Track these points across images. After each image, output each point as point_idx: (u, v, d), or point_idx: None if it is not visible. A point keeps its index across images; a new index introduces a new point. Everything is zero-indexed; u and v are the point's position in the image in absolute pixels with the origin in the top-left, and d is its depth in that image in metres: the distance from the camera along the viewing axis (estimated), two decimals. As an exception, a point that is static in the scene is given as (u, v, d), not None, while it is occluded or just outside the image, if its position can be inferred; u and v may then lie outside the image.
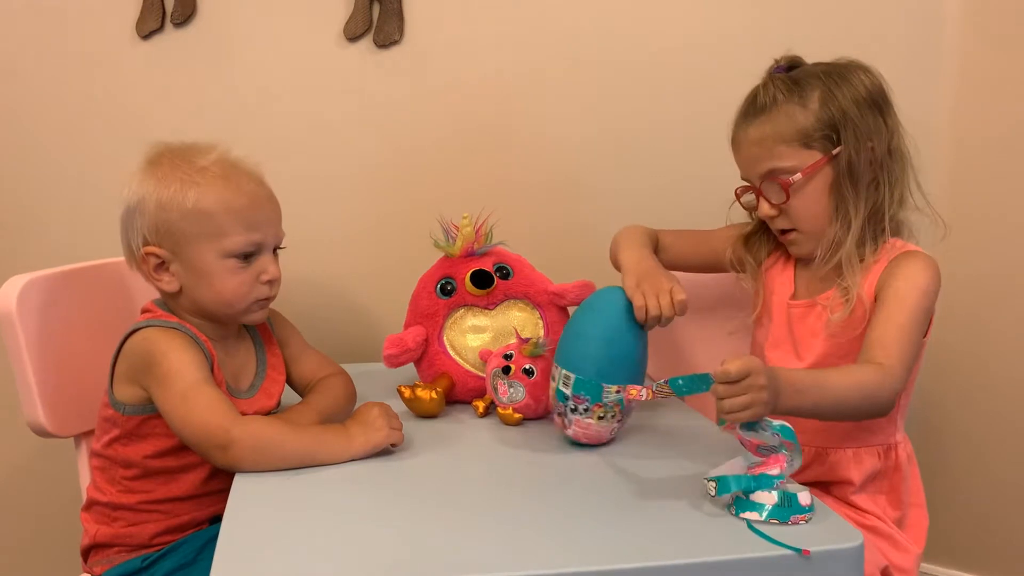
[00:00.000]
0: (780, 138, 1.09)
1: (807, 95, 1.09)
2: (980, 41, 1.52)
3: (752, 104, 1.12)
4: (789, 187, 1.09)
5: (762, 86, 1.12)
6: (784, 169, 1.09)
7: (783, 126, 1.09)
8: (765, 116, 1.10)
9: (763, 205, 1.13)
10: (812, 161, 1.08)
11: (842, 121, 1.08)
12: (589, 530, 0.83)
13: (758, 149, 1.10)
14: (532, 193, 1.55)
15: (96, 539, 1.08)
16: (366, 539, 0.81)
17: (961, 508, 1.61)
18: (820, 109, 1.08)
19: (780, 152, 1.09)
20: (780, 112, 1.09)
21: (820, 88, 1.09)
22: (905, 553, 1.10)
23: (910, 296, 1.05)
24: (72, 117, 1.49)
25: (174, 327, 1.04)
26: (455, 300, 1.23)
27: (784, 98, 1.09)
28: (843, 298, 1.09)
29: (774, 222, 1.14)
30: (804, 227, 1.12)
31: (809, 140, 1.08)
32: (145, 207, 1.03)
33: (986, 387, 1.56)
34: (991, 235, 1.53)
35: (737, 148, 1.14)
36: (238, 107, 1.49)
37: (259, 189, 1.08)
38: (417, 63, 1.50)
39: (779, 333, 1.18)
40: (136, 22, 1.46)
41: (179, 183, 1.03)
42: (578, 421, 1.02)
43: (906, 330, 1.03)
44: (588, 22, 1.52)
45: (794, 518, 0.82)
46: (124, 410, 1.05)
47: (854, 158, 1.08)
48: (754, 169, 1.12)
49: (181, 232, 1.03)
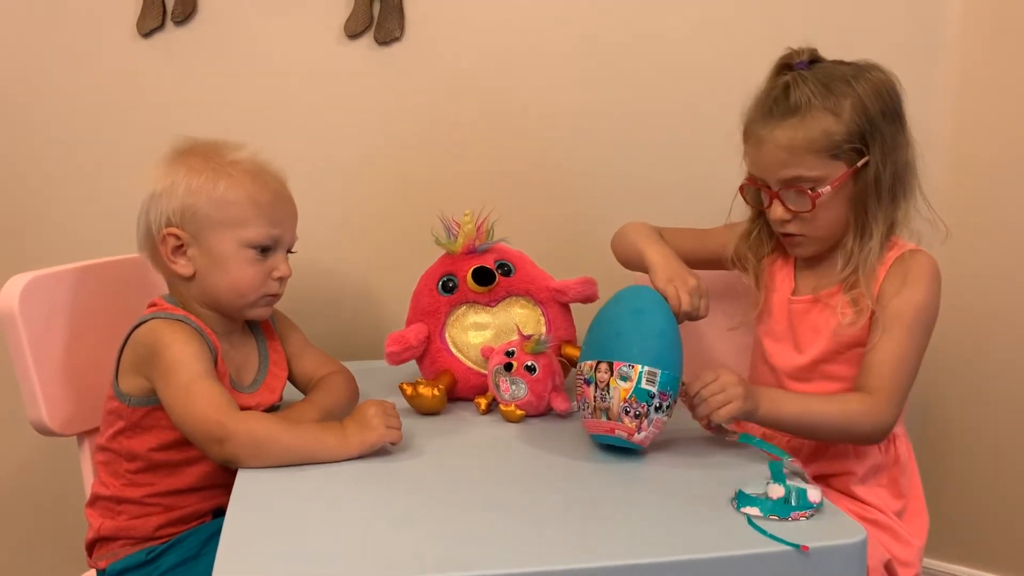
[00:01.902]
0: (811, 147, 1.06)
1: (839, 103, 1.05)
2: (981, 42, 1.52)
3: (783, 102, 1.07)
4: (817, 199, 1.06)
5: (792, 84, 1.07)
6: (809, 178, 1.06)
7: (815, 134, 1.05)
8: (796, 119, 1.06)
9: (777, 209, 1.10)
10: (839, 173, 1.06)
11: (871, 133, 1.06)
12: (591, 526, 0.83)
13: (786, 155, 1.07)
14: (533, 190, 1.55)
15: (100, 533, 1.09)
16: (368, 534, 0.82)
17: (963, 502, 1.61)
18: (851, 120, 1.05)
19: (809, 161, 1.06)
20: (812, 119, 1.05)
21: (851, 97, 1.06)
22: (907, 546, 1.11)
23: (910, 316, 1.06)
24: (72, 115, 1.49)
25: (180, 319, 1.05)
26: (457, 297, 1.24)
27: (817, 103, 1.05)
28: (852, 305, 1.09)
29: (784, 226, 1.12)
30: (816, 234, 1.11)
31: (838, 151, 1.06)
32: (174, 191, 1.06)
33: (988, 382, 1.57)
34: (994, 232, 1.53)
35: (758, 145, 1.10)
36: (239, 104, 1.49)
37: (283, 190, 1.12)
38: (418, 60, 1.50)
39: (780, 329, 1.18)
40: (137, 20, 1.47)
41: (211, 172, 1.07)
42: (657, 421, 0.97)
43: (904, 359, 1.05)
44: (590, 18, 1.52)
45: (794, 514, 0.82)
46: (129, 401, 1.06)
47: (881, 171, 1.06)
48: (776, 173, 1.09)
49: (206, 217, 1.06)
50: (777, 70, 1.12)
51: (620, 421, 0.97)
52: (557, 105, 1.54)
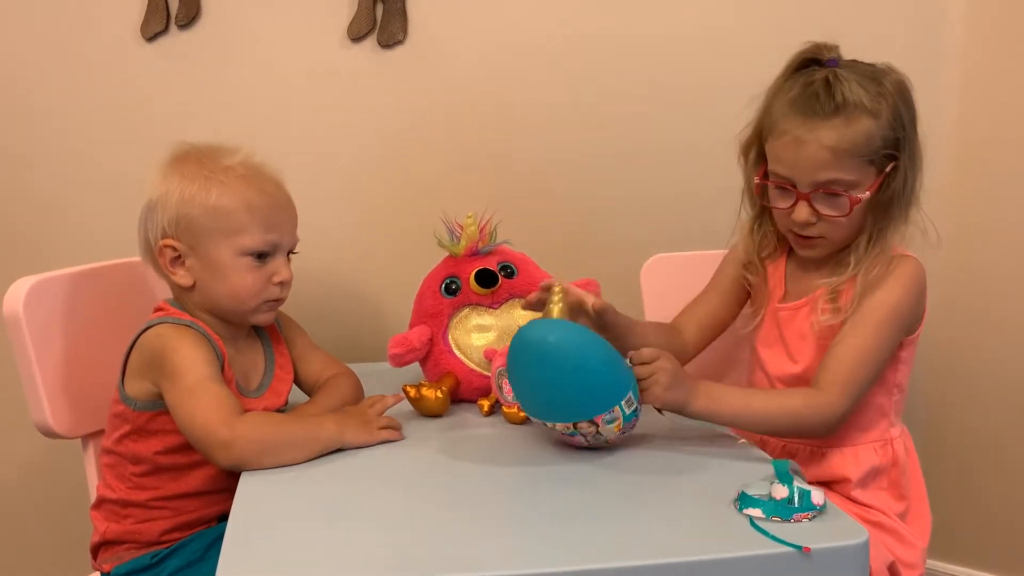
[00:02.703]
0: (854, 151, 1.02)
1: (879, 105, 1.02)
2: (984, 43, 1.52)
3: (826, 100, 1.02)
4: (856, 204, 1.03)
5: (834, 80, 1.03)
6: (844, 182, 1.03)
7: (859, 138, 1.02)
8: (841, 120, 1.02)
9: (803, 211, 1.06)
10: (871, 178, 1.04)
11: (903, 142, 1.04)
12: (593, 528, 0.83)
13: (829, 156, 1.02)
14: (536, 192, 1.55)
15: (105, 536, 1.09)
16: (372, 536, 0.82)
17: (966, 504, 1.61)
18: (889, 125, 1.03)
19: (849, 165, 1.02)
20: (857, 120, 1.02)
21: (889, 103, 1.03)
22: (911, 548, 1.10)
23: (879, 314, 1.04)
24: (77, 119, 1.50)
25: (187, 324, 1.05)
26: (460, 299, 1.24)
27: (862, 103, 1.02)
28: (831, 303, 1.08)
29: (805, 228, 1.07)
30: (836, 237, 1.08)
31: (874, 157, 1.03)
32: (168, 201, 1.06)
33: (990, 383, 1.56)
34: (995, 232, 1.53)
35: (796, 145, 1.04)
36: (242, 108, 1.50)
37: (279, 192, 1.11)
38: (421, 63, 1.51)
39: (771, 335, 1.18)
40: (141, 24, 1.47)
41: (203, 180, 1.06)
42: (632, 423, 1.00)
43: (864, 354, 1.04)
44: (593, 21, 1.52)
45: (797, 516, 0.82)
46: (135, 405, 1.06)
47: (909, 177, 1.05)
48: (812, 174, 1.04)
49: (201, 227, 1.05)
50: (800, 63, 1.08)
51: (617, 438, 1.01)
52: (559, 108, 1.54)
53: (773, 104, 1.08)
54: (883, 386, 1.11)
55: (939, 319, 1.54)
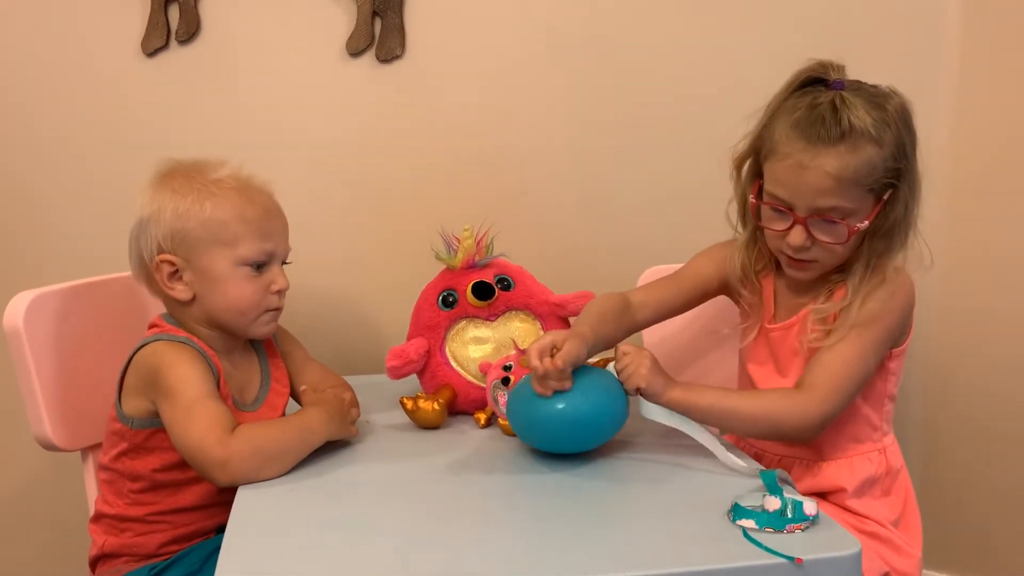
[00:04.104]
0: (857, 180, 0.99)
1: (883, 134, 0.99)
2: (979, 48, 1.52)
3: (833, 125, 0.99)
4: (853, 234, 1.02)
5: (840, 104, 0.99)
6: (843, 209, 1.01)
7: (863, 167, 0.99)
8: (846, 147, 0.99)
9: (799, 235, 1.03)
10: (870, 206, 1.02)
11: (905, 172, 1.02)
12: (587, 538, 0.84)
13: (832, 183, 0.99)
14: (533, 205, 1.56)
15: (104, 549, 1.09)
16: (368, 548, 0.82)
17: (961, 513, 1.61)
18: (891, 154, 1.00)
19: (851, 194, 1.00)
20: (861, 148, 0.99)
21: (892, 130, 1.00)
22: (907, 557, 1.10)
23: (868, 326, 1.04)
24: (77, 133, 1.50)
25: (182, 341, 1.05)
26: (457, 312, 1.24)
27: (867, 132, 0.99)
28: (820, 325, 1.07)
29: (799, 252, 1.05)
30: (830, 262, 1.07)
31: (875, 185, 1.01)
32: (162, 216, 1.06)
33: (984, 391, 1.56)
34: (993, 242, 1.53)
35: (800, 171, 1.00)
36: (242, 123, 1.51)
37: (270, 202, 1.12)
38: (419, 78, 1.52)
39: (761, 353, 1.17)
40: (141, 40, 1.48)
41: (196, 193, 1.06)
42: None
43: (850, 361, 1.03)
44: (590, 37, 1.53)
45: (790, 527, 0.82)
46: (132, 424, 1.06)
47: (909, 204, 1.03)
48: (811, 200, 1.01)
49: (197, 239, 1.06)
50: (803, 82, 1.05)
51: None
52: (556, 121, 1.55)
53: (775, 123, 1.04)
54: (874, 397, 1.11)
55: (935, 330, 1.56)
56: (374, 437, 1.14)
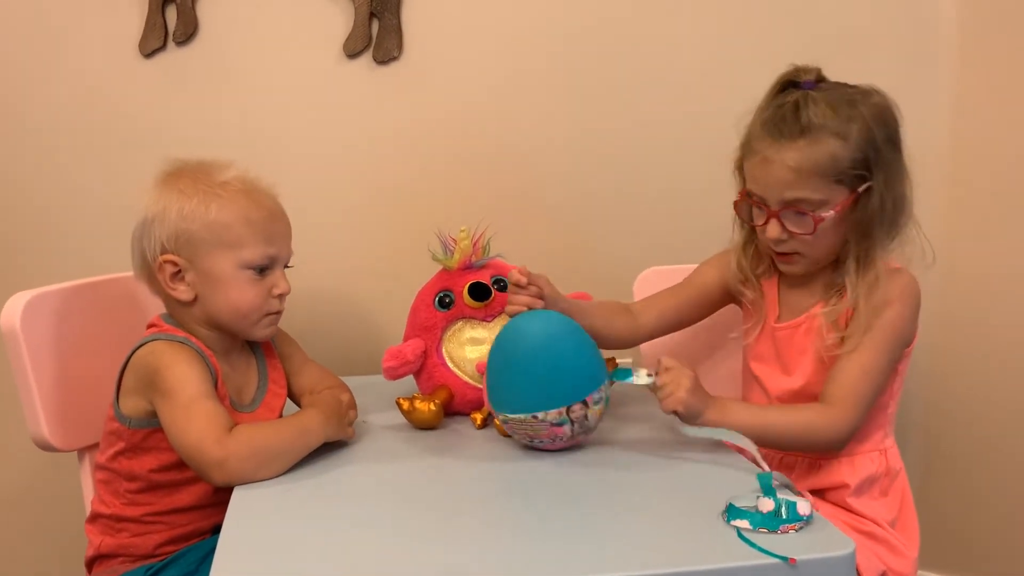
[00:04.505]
0: (818, 170, 1.04)
1: (848, 128, 1.04)
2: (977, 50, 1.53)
3: (789, 122, 1.05)
4: (820, 223, 1.05)
5: (802, 103, 1.05)
6: (811, 201, 1.05)
7: (822, 158, 1.04)
8: (805, 141, 1.04)
9: (774, 229, 1.08)
10: (841, 198, 1.05)
11: (875, 161, 1.05)
12: (582, 538, 0.84)
13: (793, 176, 1.05)
14: (529, 206, 1.56)
15: (100, 550, 1.09)
16: (364, 549, 0.82)
17: (959, 514, 1.61)
18: (857, 146, 1.04)
19: (814, 184, 1.05)
20: (821, 141, 1.03)
21: (859, 121, 1.04)
22: (903, 558, 1.11)
23: (880, 332, 1.06)
24: (76, 135, 1.51)
25: (181, 341, 1.05)
26: (453, 313, 1.24)
27: (827, 125, 1.03)
28: (834, 329, 1.09)
29: (780, 245, 1.10)
30: (811, 255, 1.10)
31: (842, 176, 1.05)
32: (166, 217, 1.06)
33: (982, 392, 1.57)
34: (992, 243, 1.53)
35: (764, 164, 1.07)
36: (239, 124, 1.51)
37: (275, 206, 1.12)
38: (416, 79, 1.52)
39: (767, 354, 1.19)
40: (139, 41, 1.49)
41: (202, 195, 1.06)
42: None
43: (869, 371, 1.05)
44: (588, 38, 1.54)
45: (784, 527, 0.82)
46: (129, 423, 1.06)
47: (885, 197, 1.05)
48: (779, 193, 1.07)
49: (201, 241, 1.06)
50: (780, 86, 1.10)
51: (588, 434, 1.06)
52: (553, 123, 1.55)
53: (752, 125, 1.11)
54: (880, 399, 1.12)
55: (933, 331, 1.56)
56: (370, 438, 1.14)
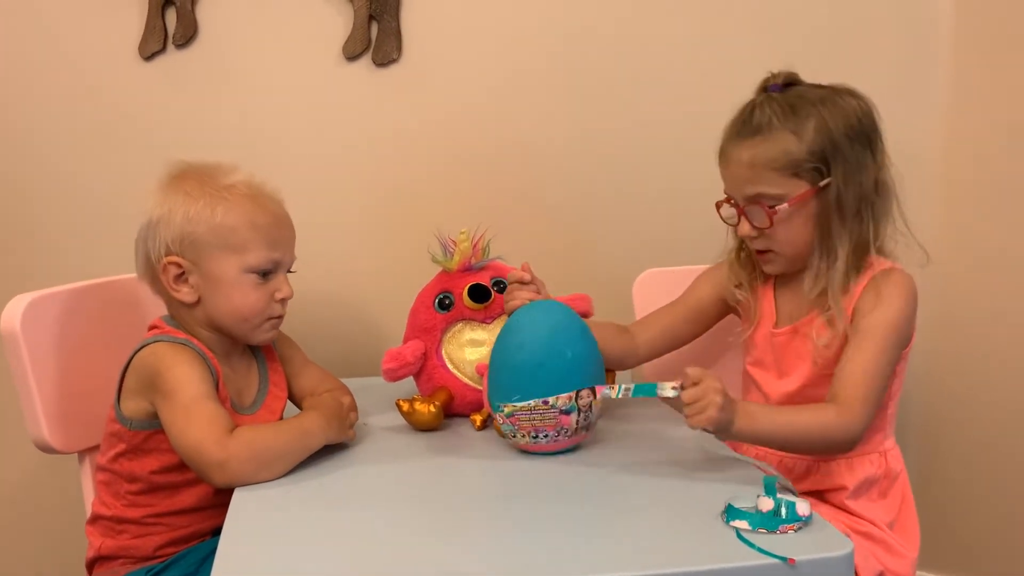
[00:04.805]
0: (771, 165, 1.07)
1: (802, 123, 1.07)
2: (973, 55, 1.53)
3: (747, 123, 1.10)
4: (774, 216, 1.08)
5: (758, 105, 1.10)
6: (771, 196, 1.08)
7: (775, 153, 1.07)
8: (759, 138, 1.08)
9: (744, 225, 1.12)
10: (800, 191, 1.07)
11: (833, 154, 1.07)
12: (582, 539, 0.84)
13: (748, 171, 1.09)
14: (529, 208, 1.56)
15: (101, 552, 1.09)
16: (364, 551, 0.82)
17: (957, 516, 1.61)
18: (813, 140, 1.06)
19: (769, 178, 1.08)
20: (774, 138, 1.07)
21: (815, 117, 1.07)
22: (901, 559, 1.11)
23: (880, 331, 1.06)
24: (76, 137, 1.51)
25: (182, 343, 1.06)
26: (453, 314, 1.25)
27: (779, 123, 1.07)
28: (828, 327, 1.09)
29: (753, 242, 1.14)
30: (782, 251, 1.12)
31: (799, 170, 1.07)
32: (172, 219, 1.06)
33: (980, 393, 1.57)
34: (990, 243, 1.54)
35: (726, 163, 1.13)
36: (239, 126, 1.51)
37: (280, 211, 1.12)
38: (415, 81, 1.52)
39: (766, 359, 1.19)
40: (139, 44, 1.49)
41: (208, 198, 1.06)
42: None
43: (873, 371, 1.05)
44: (587, 40, 1.54)
45: (783, 527, 0.82)
46: (131, 425, 1.06)
47: (842, 191, 1.07)
48: (740, 190, 1.11)
49: (206, 244, 1.06)
50: (756, 92, 1.14)
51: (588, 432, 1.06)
52: (552, 124, 1.55)
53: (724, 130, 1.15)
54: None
55: (932, 331, 1.56)
56: (370, 439, 1.14)
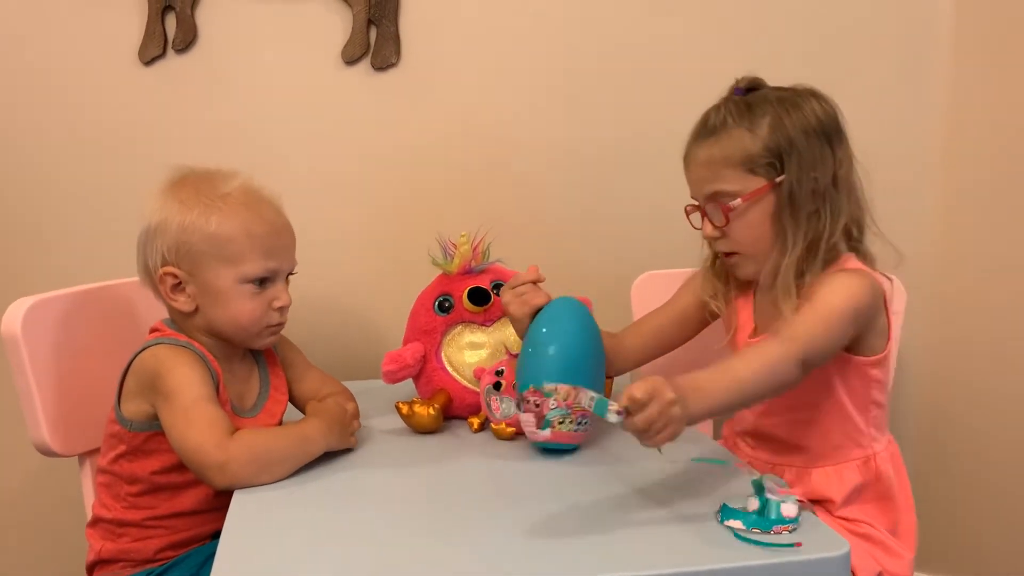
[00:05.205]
0: (726, 162, 1.09)
1: (757, 121, 1.08)
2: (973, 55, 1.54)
3: (704, 124, 1.12)
4: (730, 212, 1.09)
5: (715, 107, 1.12)
6: (727, 193, 1.09)
7: (730, 150, 1.09)
8: (715, 138, 1.10)
9: (706, 226, 1.13)
10: (755, 187, 1.08)
11: (788, 150, 1.07)
12: (580, 540, 0.84)
13: (705, 170, 1.11)
14: (529, 211, 1.56)
15: (101, 555, 1.10)
16: (363, 553, 0.83)
17: (955, 517, 1.61)
18: (768, 136, 1.07)
19: (725, 175, 1.09)
20: (729, 136, 1.09)
21: (771, 115, 1.08)
22: (899, 559, 1.11)
23: (821, 304, 1.03)
24: (77, 142, 1.51)
25: (183, 345, 1.06)
26: (453, 317, 1.25)
27: (734, 122, 1.09)
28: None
29: (716, 244, 1.14)
30: (745, 251, 1.12)
31: (754, 166, 1.08)
32: (167, 228, 1.06)
33: (979, 396, 1.57)
34: (989, 244, 1.54)
35: (687, 166, 1.14)
36: (239, 130, 1.52)
37: (278, 218, 1.11)
38: (414, 85, 1.53)
39: None
40: (138, 49, 1.49)
41: (202, 207, 1.06)
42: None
43: (820, 314, 1.03)
44: (586, 44, 1.54)
45: (777, 528, 0.83)
46: (131, 426, 1.06)
47: (796, 188, 1.07)
48: (700, 190, 1.12)
49: (200, 254, 1.06)
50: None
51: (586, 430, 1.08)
52: (551, 128, 1.56)
53: None
54: (858, 402, 1.12)
55: (933, 331, 1.57)
56: (370, 441, 1.15)
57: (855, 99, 1.55)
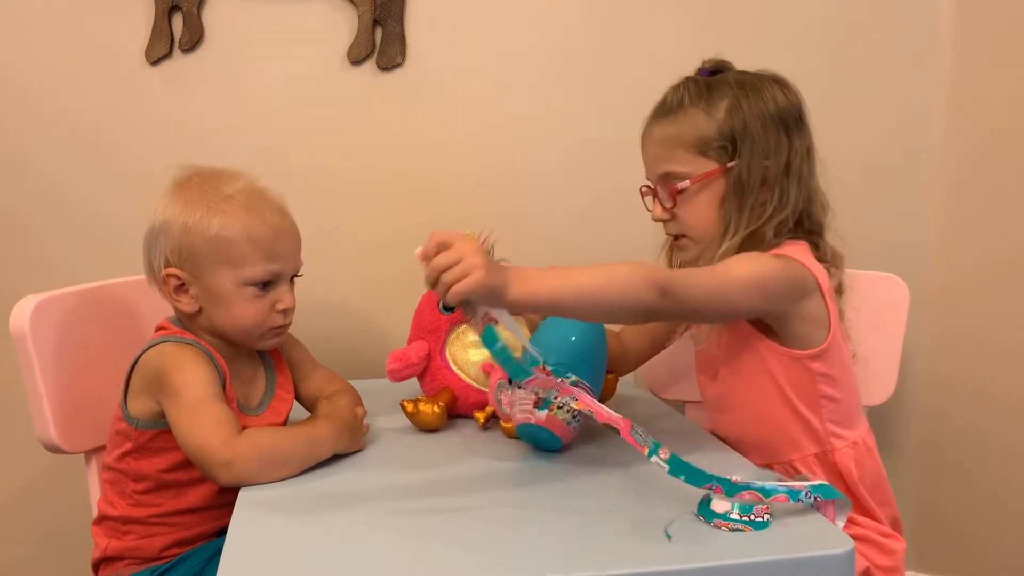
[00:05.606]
0: (680, 142, 1.08)
1: (714, 103, 1.07)
2: (973, 55, 1.54)
3: (663, 103, 1.11)
4: (678, 194, 1.08)
5: (675, 86, 1.11)
6: (678, 174, 1.08)
7: (685, 131, 1.08)
8: (671, 118, 1.09)
9: (656, 207, 1.12)
10: (705, 170, 1.07)
11: (742, 134, 1.06)
12: (586, 537, 0.84)
13: (659, 149, 1.10)
14: (534, 211, 1.57)
15: (106, 552, 1.10)
16: (369, 552, 0.83)
17: (952, 516, 1.61)
18: (723, 119, 1.06)
19: (677, 156, 1.08)
20: (685, 116, 1.08)
21: (729, 98, 1.07)
22: (890, 554, 1.10)
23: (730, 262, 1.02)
24: (81, 141, 1.52)
25: (189, 343, 1.06)
26: (457, 316, 1.25)
27: (691, 102, 1.08)
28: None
29: (666, 226, 1.13)
30: (692, 234, 1.11)
31: (707, 149, 1.07)
32: (170, 229, 1.06)
33: (975, 395, 1.58)
34: (989, 243, 1.54)
35: (643, 144, 1.13)
36: (245, 130, 1.52)
37: (282, 220, 1.10)
38: (419, 85, 1.53)
39: (703, 361, 1.20)
40: (145, 48, 1.50)
41: (205, 209, 1.05)
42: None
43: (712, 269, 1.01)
44: (591, 45, 1.55)
45: (757, 509, 0.83)
46: (137, 424, 1.07)
47: (745, 174, 1.06)
48: (653, 169, 1.11)
49: (202, 257, 1.06)
50: None
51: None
52: (557, 129, 1.56)
53: None
54: (806, 397, 1.09)
55: (932, 331, 1.57)
56: (375, 440, 1.15)
57: (855, 99, 1.57)
